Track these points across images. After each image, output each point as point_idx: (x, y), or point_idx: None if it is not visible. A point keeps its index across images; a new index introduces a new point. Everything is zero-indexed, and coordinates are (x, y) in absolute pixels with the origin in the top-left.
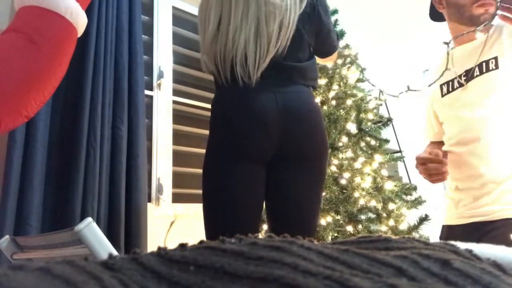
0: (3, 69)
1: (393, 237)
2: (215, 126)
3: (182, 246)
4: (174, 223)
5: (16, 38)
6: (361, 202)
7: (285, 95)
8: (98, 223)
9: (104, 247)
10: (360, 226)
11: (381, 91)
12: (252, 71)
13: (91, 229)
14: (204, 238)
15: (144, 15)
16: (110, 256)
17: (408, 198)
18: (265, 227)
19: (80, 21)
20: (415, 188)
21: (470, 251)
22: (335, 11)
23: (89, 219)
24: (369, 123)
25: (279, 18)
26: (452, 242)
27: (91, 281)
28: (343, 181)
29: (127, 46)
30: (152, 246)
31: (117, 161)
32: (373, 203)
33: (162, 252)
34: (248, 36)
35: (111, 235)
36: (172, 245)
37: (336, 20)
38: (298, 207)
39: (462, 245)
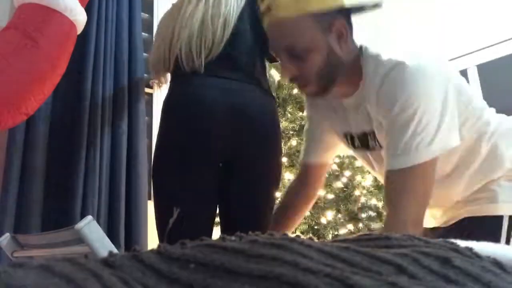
0: (3, 66)
1: (394, 235)
2: (161, 120)
3: (182, 243)
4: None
5: (16, 35)
6: (362, 200)
7: (233, 93)
8: (98, 221)
9: (104, 245)
10: (360, 225)
11: None
12: (196, 59)
13: (91, 227)
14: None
15: (144, 13)
16: (110, 253)
17: None
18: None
19: (79, 18)
20: None
21: (470, 249)
22: None
23: (89, 217)
24: None
25: (223, 18)
26: (453, 240)
27: (91, 279)
28: (343, 179)
29: (127, 44)
30: (152, 244)
31: (117, 159)
32: (373, 201)
33: (162, 250)
34: (192, 31)
35: (112, 233)
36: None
37: None
38: (248, 209)
39: (462, 243)
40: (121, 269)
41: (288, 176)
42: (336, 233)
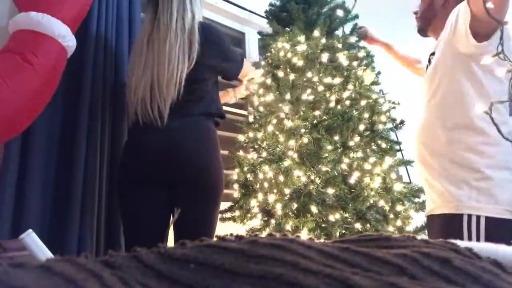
0: (1, 88)
1: (394, 235)
2: (122, 157)
3: (182, 244)
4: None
5: (13, 57)
6: (370, 201)
7: (175, 130)
8: (98, 221)
9: (43, 252)
10: (368, 225)
11: (381, 90)
12: (154, 117)
13: (31, 238)
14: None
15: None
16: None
17: (416, 200)
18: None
19: (70, 44)
20: (423, 190)
21: (470, 250)
22: (356, 16)
23: (29, 230)
24: (380, 125)
25: (168, 75)
26: (453, 240)
27: (91, 279)
28: (352, 181)
29: (127, 44)
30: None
31: (117, 159)
32: (381, 203)
33: (162, 250)
34: (144, 93)
35: (111, 233)
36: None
37: (356, 24)
38: (191, 225)
39: (462, 244)
40: (121, 269)
41: (297, 173)
42: (343, 231)
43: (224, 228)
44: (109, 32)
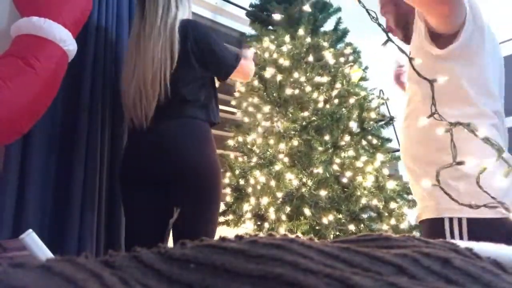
0: (2, 89)
1: (394, 235)
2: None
3: (182, 244)
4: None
5: (15, 62)
6: (363, 201)
7: (165, 131)
8: (98, 222)
9: (43, 252)
10: (362, 225)
11: (381, 91)
12: (142, 120)
13: (32, 238)
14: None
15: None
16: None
17: (410, 197)
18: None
19: (71, 48)
20: None
21: (470, 250)
22: (338, 9)
23: (30, 230)
24: (371, 122)
25: (153, 74)
26: (453, 241)
27: (91, 279)
28: (344, 180)
29: (127, 44)
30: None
31: (117, 160)
32: (374, 202)
33: (162, 250)
34: (134, 95)
35: (111, 233)
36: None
37: (340, 18)
38: (187, 223)
39: (462, 244)
40: (121, 269)
41: (289, 176)
42: (337, 233)
43: (218, 232)
44: (109, 32)
